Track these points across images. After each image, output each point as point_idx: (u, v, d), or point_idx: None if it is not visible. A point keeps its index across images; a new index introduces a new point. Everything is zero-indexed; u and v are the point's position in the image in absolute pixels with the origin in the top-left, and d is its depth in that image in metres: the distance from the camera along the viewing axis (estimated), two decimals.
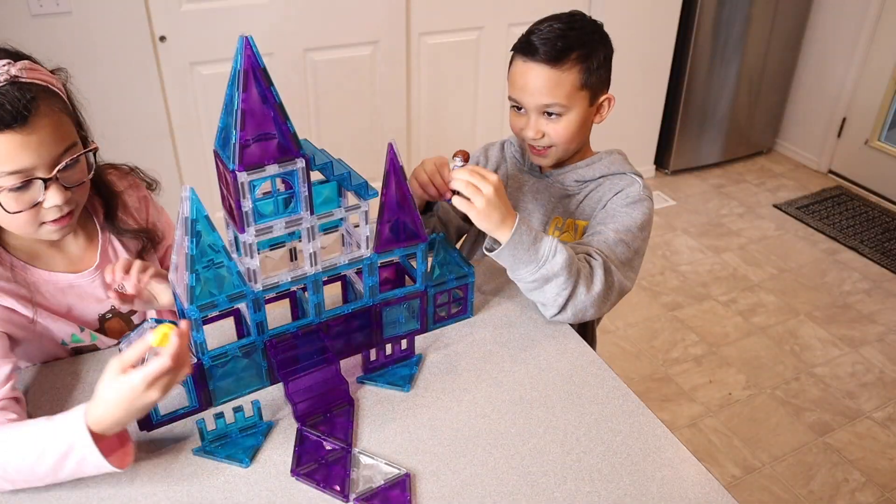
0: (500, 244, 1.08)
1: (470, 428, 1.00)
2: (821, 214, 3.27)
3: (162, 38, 2.33)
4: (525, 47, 1.21)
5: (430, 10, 2.69)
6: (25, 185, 0.93)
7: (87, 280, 1.11)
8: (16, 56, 0.96)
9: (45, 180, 0.94)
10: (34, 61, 0.97)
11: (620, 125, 3.29)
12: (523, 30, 1.25)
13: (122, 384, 0.84)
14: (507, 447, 0.97)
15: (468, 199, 1.05)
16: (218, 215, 0.98)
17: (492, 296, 1.27)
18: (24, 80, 0.92)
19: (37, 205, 0.95)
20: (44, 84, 0.95)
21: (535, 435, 0.99)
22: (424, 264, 1.08)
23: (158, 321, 0.95)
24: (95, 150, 1.02)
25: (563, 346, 1.15)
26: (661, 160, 3.57)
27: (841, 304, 2.69)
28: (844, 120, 3.48)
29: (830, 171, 3.62)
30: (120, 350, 0.96)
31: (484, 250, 1.13)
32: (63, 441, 0.86)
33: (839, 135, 3.52)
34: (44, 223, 0.99)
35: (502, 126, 3.10)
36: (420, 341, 1.15)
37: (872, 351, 2.46)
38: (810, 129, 3.65)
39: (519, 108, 1.26)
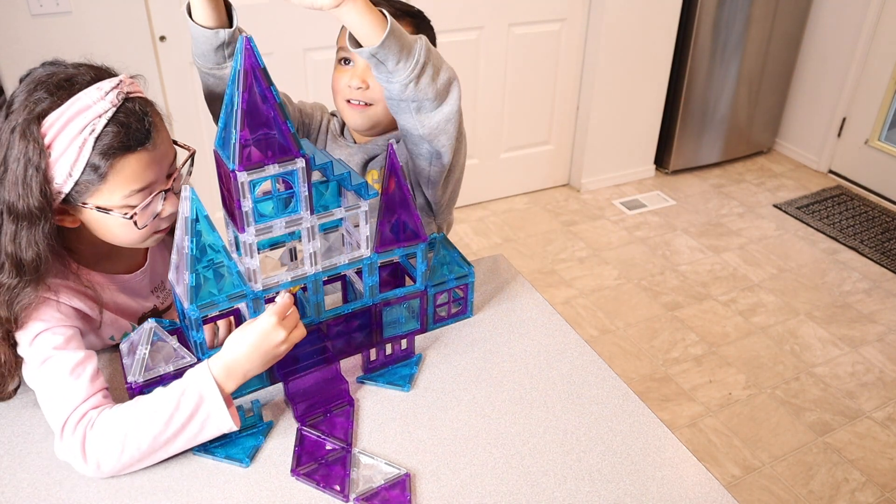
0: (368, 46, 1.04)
1: (470, 428, 1.00)
2: (821, 214, 3.27)
3: (162, 38, 2.33)
4: None
5: (431, 10, 2.67)
6: (150, 200, 0.96)
7: (137, 280, 1.13)
8: (101, 71, 0.95)
9: (164, 191, 0.97)
10: (116, 74, 0.96)
11: (620, 124, 3.31)
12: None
13: (252, 327, 0.91)
14: (507, 447, 0.97)
15: None
16: (218, 215, 0.98)
17: (492, 296, 1.27)
18: (133, 95, 0.93)
19: (155, 217, 0.98)
20: (144, 96, 0.96)
21: (535, 435, 0.99)
22: (424, 264, 1.08)
23: (158, 321, 0.95)
24: (194, 154, 1.05)
25: (563, 345, 1.15)
26: (661, 160, 3.57)
27: (841, 304, 2.69)
28: (844, 120, 3.48)
29: (830, 171, 3.62)
30: (121, 349, 0.96)
31: (352, 48, 1.08)
32: (194, 394, 0.89)
33: (839, 135, 3.52)
34: (156, 232, 1.01)
35: (503, 125, 3.10)
36: (420, 341, 1.15)
37: (872, 351, 2.46)
38: (810, 129, 3.65)
39: (346, 62, 1.26)
